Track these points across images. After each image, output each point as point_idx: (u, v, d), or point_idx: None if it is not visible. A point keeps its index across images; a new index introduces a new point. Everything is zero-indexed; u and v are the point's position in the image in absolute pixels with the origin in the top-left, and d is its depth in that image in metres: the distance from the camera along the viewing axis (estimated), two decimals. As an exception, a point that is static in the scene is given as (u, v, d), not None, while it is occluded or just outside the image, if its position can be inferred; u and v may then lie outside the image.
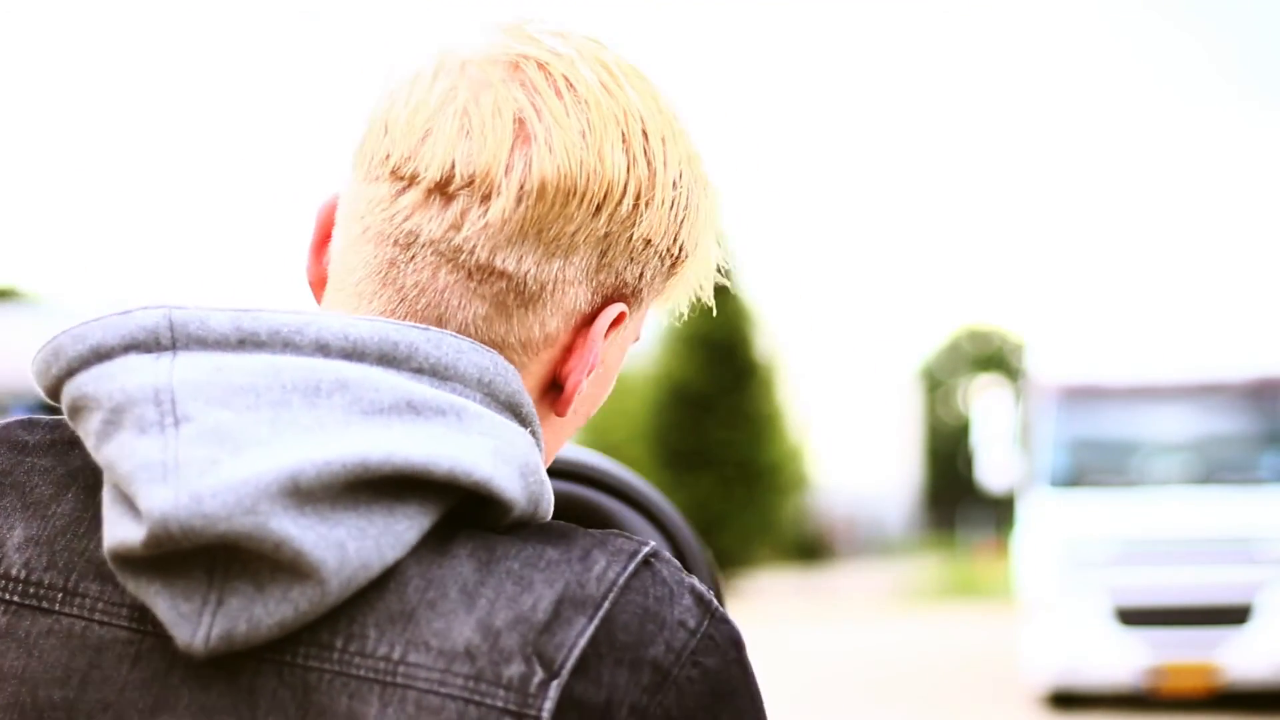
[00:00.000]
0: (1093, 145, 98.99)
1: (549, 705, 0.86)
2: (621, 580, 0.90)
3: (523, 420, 0.97)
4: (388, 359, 0.92)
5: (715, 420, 29.27)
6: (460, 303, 0.97)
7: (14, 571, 0.92)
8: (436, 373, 0.93)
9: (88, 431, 0.89)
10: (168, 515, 0.84)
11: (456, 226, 0.96)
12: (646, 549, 0.92)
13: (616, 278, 1.01)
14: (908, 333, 75.79)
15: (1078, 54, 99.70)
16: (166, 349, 0.90)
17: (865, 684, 14.30)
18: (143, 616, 0.90)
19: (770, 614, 22.84)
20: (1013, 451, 14.26)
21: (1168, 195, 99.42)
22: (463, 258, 0.96)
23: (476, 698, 0.86)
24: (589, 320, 1.01)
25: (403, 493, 0.89)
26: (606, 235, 0.99)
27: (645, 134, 0.99)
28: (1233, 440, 12.67)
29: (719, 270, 1.10)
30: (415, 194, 0.97)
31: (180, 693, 0.88)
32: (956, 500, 53.34)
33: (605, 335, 1.02)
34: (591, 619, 0.88)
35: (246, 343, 0.91)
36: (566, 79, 0.98)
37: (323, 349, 0.91)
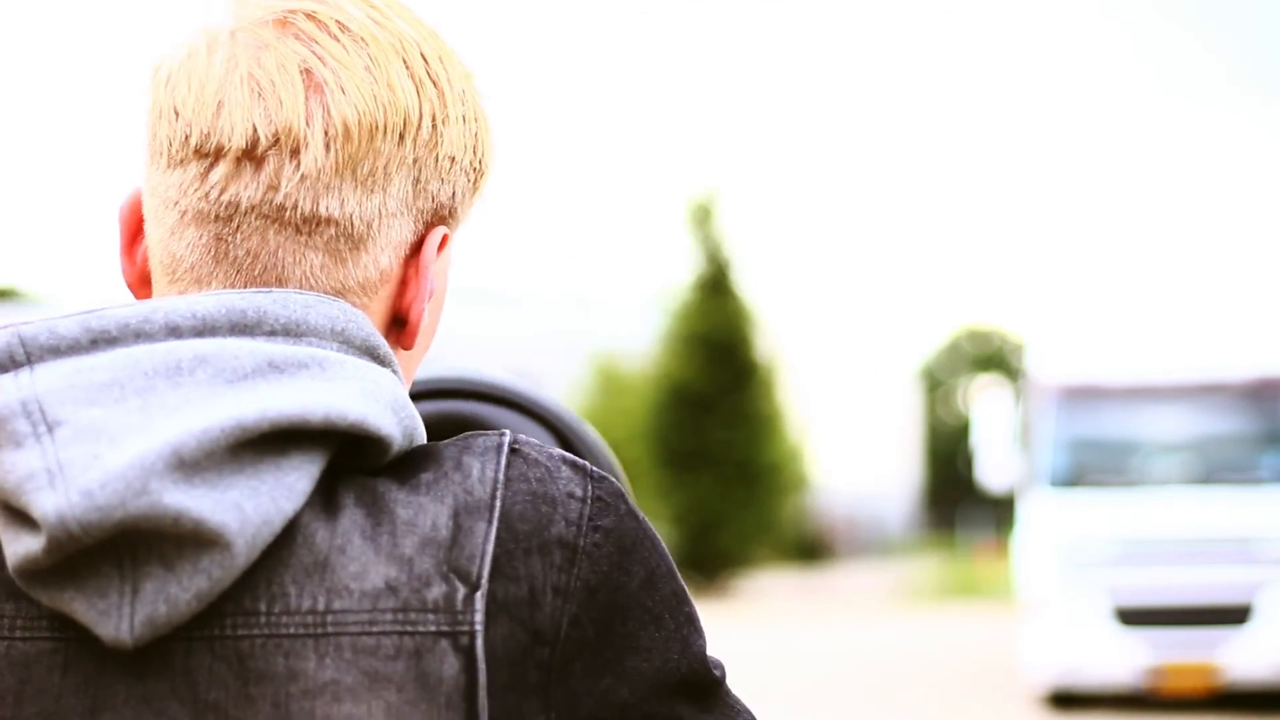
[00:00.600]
0: (1093, 145, 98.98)
1: (479, 616, 0.88)
2: (501, 475, 0.93)
3: (381, 361, 0.98)
4: (239, 328, 0.93)
5: (715, 420, 29.26)
6: (295, 259, 0.98)
7: None
8: (289, 331, 0.94)
9: None
10: (64, 516, 0.84)
11: (274, 186, 0.97)
12: (506, 437, 0.95)
13: (433, 201, 1.03)
14: (908, 333, 75.80)
15: (1078, 54, 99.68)
16: (23, 365, 0.90)
17: (865, 684, 14.30)
18: (63, 624, 0.90)
19: (770, 614, 22.84)
20: (1013, 451, 14.26)
21: (1168, 195, 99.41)
22: (287, 214, 0.97)
23: (408, 628, 0.88)
24: (417, 250, 1.03)
25: (285, 446, 0.90)
26: (415, 161, 1.00)
27: (424, 58, 1.01)
28: (1233, 440, 12.67)
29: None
30: (225, 166, 0.97)
31: (116, 689, 0.88)
32: (956, 500, 53.34)
33: (434, 260, 1.04)
34: (490, 521, 0.91)
35: (99, 342, 0.91)
36: (338, 22, 0.99)
37: (174, 331, 0.92)
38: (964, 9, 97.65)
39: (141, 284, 1.04)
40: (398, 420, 0.94)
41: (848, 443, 42.29)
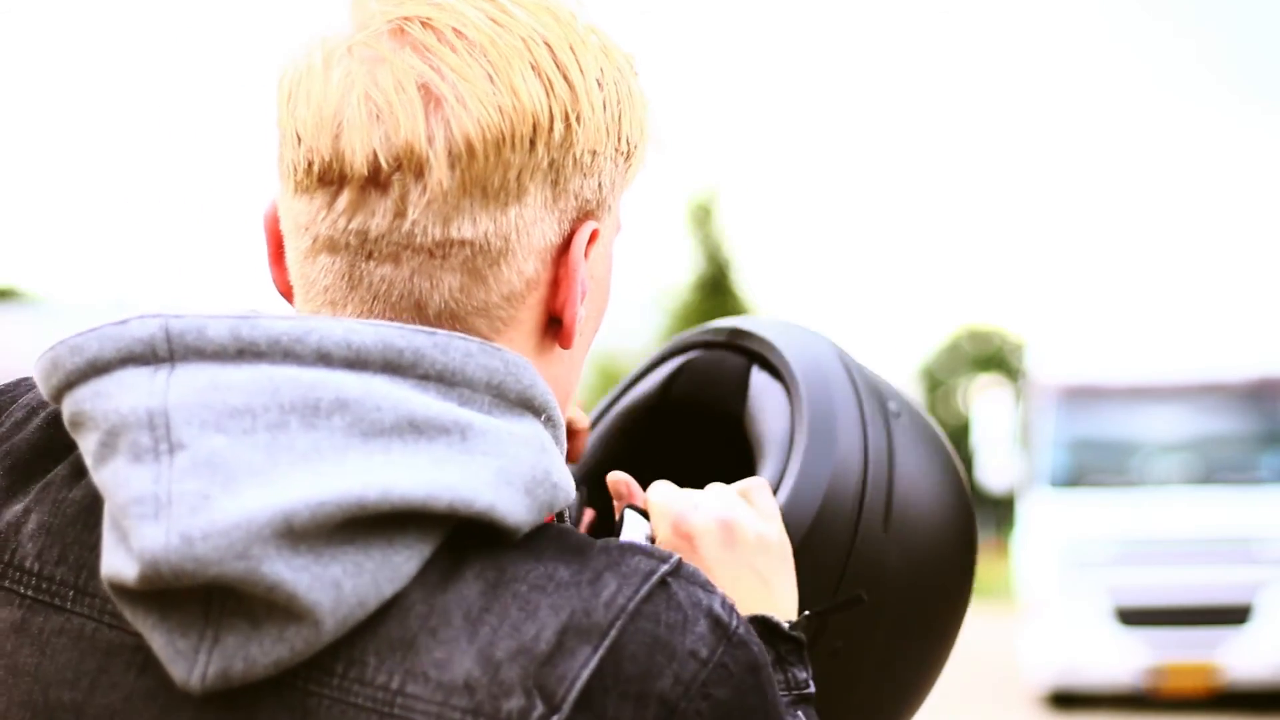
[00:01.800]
0: (1092, 145, 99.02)
1: None
2: (631, 606, 0.86)
3: (535, 411, 0.94)
4: (392, 366, 0.89)
5: (715, 420, 29.18)
6: (432, 283, 0.95)
7: (28, 564, 0.92)
8: (443, 379, 0.90)
9: (86, 450, 0.88)
10: (158, 558, 0.83)
11: (401, 213, 0.93)
12: (665, 568, 0.89)
13: (577, 199, 0.98)
14: (908, 333, 75.82)
15: (1078, 55, 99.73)
16: (164, 361, 0.88)
17: (865, 684, 14.28)
18: None
19: (770, 614, 22.77)
20: (1013, 451, 14.26)
21: (1167, 195, 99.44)
22: (418, 240, 0.94)
23: None
24: (565, 248, 0.99)
25: (403, 524, 0.87)
26: (551, 164, 0.96)
27: (552, 51, 0.96)
28: (1233, 440, 12.66)
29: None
30: (349, 194, 0.94)
31: (184, 707, 0.88)
32: (956, 500, 53.13)
33: (586, 255, 1.00)
34: (596, 649, 0.85)
35: (245, 353, 0.88)
36: (455, 29, 0.94)
37: (324, 359, 0.88)
38: (964, 10, 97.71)
39: (289, 294, 1.01)
40: (532, 501, 0.90)
41: (848, 443, 42.21)
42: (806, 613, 1.13)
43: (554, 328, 1.01)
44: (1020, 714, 12.40)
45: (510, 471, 0.89)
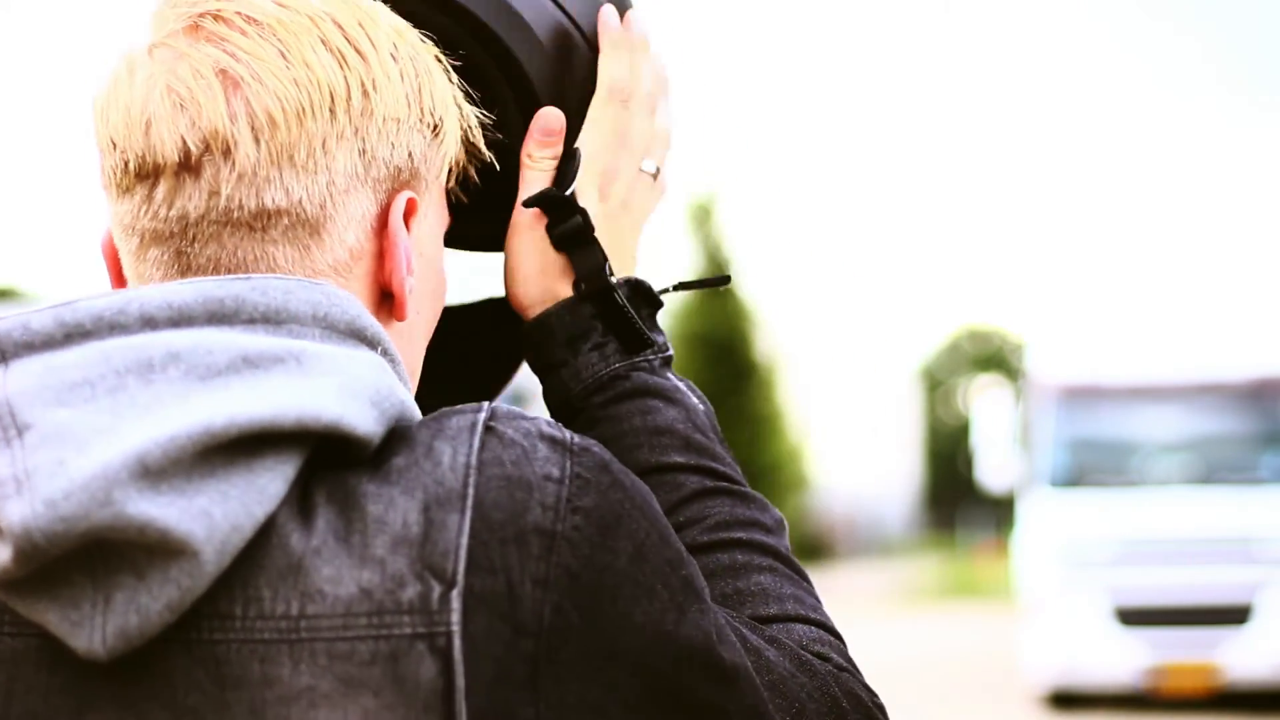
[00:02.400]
0: (1093, 145, 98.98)
1: (455, 615, 0.86)
2: (473, 459, 0.90)
3: (369, 342, 0.97)
4: (216, 317, 0.91)
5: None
6: (256, 256, 0.98)
7: None
8: (269, 319, 0.93)
9: None
10: (29, 527, 0.83)
11: (215, 191, 0.97)
12: (483, 414, 0.93)
13: (388, 167, 1.02)
14: (908, 333, 75.80)
15: (1078, 55, 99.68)
16: None
17: (865, 684, 14.27)
18: None
19: (770, 614, 22.76)
20: (1013, 451, 14.25)
21: (1168, 195, 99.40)
22: (235, 215, 0.97)
23: (383, 632, 0.86)
24: (385, 221, 1.02)
25: (257, 449, 0.88)
26: (355, 132, 1.00)
27: (340, 27, 1.01)
28: (1233, 440, 12.66)
29: (485, 127, 1.12)
30: (165, 183, 0.98)
31: (100, 689, 0.88)
32: (956, 500, 53.32)
33: (407, 227, 1.03)
34: (463, 512, 0.88)
35: (73, 335, 0.90)
36: (243, 15, 0.99)
37: (149, 323, 0.90)
38: (964, 10, 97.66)
39: None
40: (379, 413, 0.92)
41: (848, 443, 42.27)
42: (673, 284, 1.23)
43: (388, 302, 1.04)
44: (1020, 714, 12.40)
45: (352, 387, 0.91)
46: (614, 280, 1.16)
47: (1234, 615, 11.71)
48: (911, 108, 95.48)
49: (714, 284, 1.31)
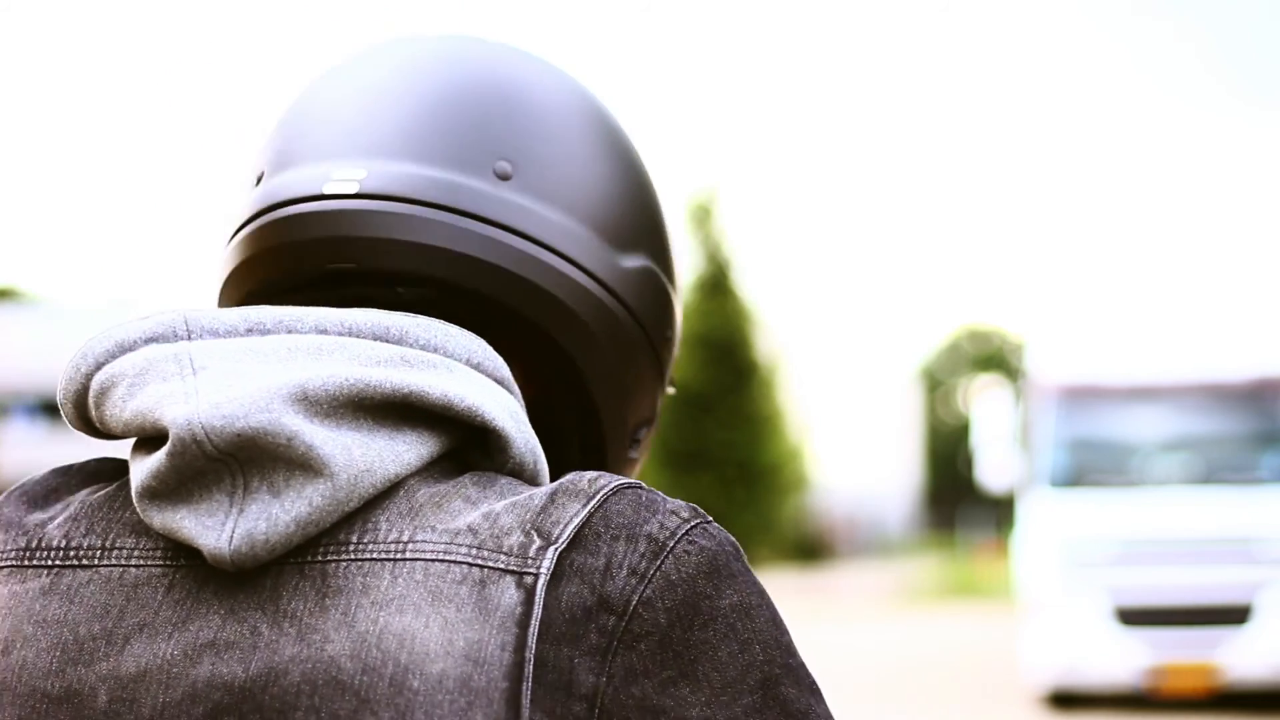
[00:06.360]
0: (1092, 146, 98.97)
1: (547, 565, 0.90)
2: (610, 486, 0.94)
3: (510, 394, 1.02)
4: (381, 339, 0.99)
5: (715, 420, 29.26)
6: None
7: (54, 542, 0.99)
8: (428, 350, 1.00)
9: (115, 403, 0.96)
10: (191, 421, 0.90)
11: None
12: (633, 482, 0.97)
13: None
14: (908, 333, 75.80)
15: (1077, 56, 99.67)
16: (183, 339, 0.98)
17: (865, 684, 14.29)
18: (175, 554, 0.96)
19: (770, 614, 22.75)
20: (1013, 451, 14.25)
21: (1167, 196, 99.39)
22: None
23: (479, 561, 0.91)
24: None
25: (404, 419, 0.96)
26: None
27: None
28: (1233, 440, 12.66)
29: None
30: None
31: (209, 603, 0.94)
32: (956, 500, 53.33)
33: None
34: (585, 505, 0.93)
35: (254, 330, 0.98)
36: None
37: (322, 331, 0.98)
38: (963, 10, 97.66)
39: None
40: (516, 424, 0.98)
41: (848, 443, 42.28)
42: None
43: None
44: (1020, 714, 12.40)
45: (495, 396, 0.99)
46: None
47: (1234, 615, 11.72)
48: (911, 108, 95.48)
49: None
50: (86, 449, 46.98)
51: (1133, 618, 11.78)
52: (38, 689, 0.94)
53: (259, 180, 1.08)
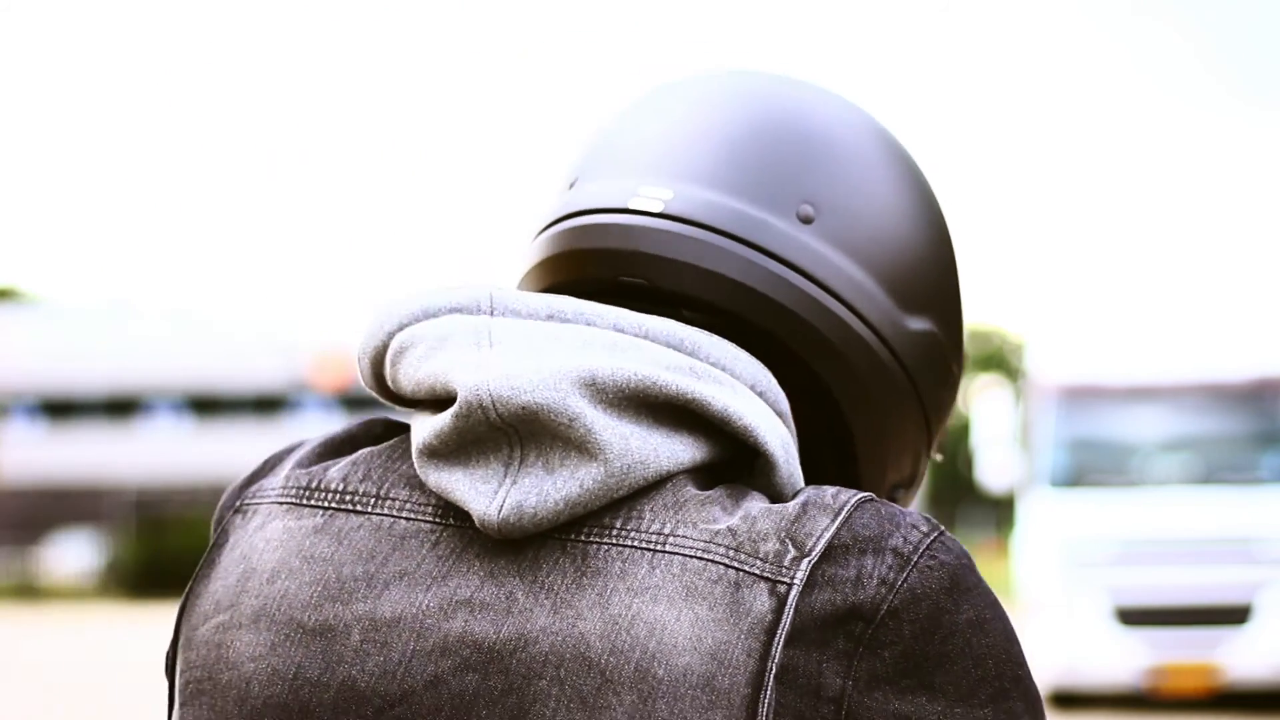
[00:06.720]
0: (1091, 145, 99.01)
1: (801, 575, 0.93)
2: (853, 500, 0.97)
3: (786, 425, 1.04)
4: (673, 348, 1.01)
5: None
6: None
7: (332, 485, 1.04)
8: (715, 367, 1.02)
9: (411, 362, 1.00)
10: (479, 386, 0.94)
11: None
12: (871, 495, 1.00)
13: None
14: (908, 333, 75.41)
15: (1076, 55, 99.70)
16: (485, 314, 1.02)
17: (865, 684, 14.28)
18: (445, 512, 0.99)
19: (770, 614, 22.74)
20: (1013, 451, 14.25)
21: (1167, 196, 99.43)
22: None
23: (736, 563, 0.93)
24: None
25: (682, 422, 0.99)
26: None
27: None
28: (1233, 440, 12.67)
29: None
30: None
31: (472, 564, 0.97)
32: (957, 500, 53.36)
33: None
34: (834, 519, 0.95)
35: (554, 317, 1.02)
36: None
37: (619, 330, 1.02)
38: (963, 10, 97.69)
39: None
40: (785, 454, 1.00)
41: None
42: None
43: None
44: (1020, 714, 12.39)
45: (770, 421, 1.01)
46: None
47: (1234, 615, 11.72)
48: (910, 107, 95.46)
49: None
50: (86, 450, 47.01)
51: (1133, 618, 11.78)
52: (294, 619, 0.98)
53: (570, 186, 1.11)
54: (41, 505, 44.22)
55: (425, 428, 0.98)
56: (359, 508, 1.02)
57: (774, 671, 0.91)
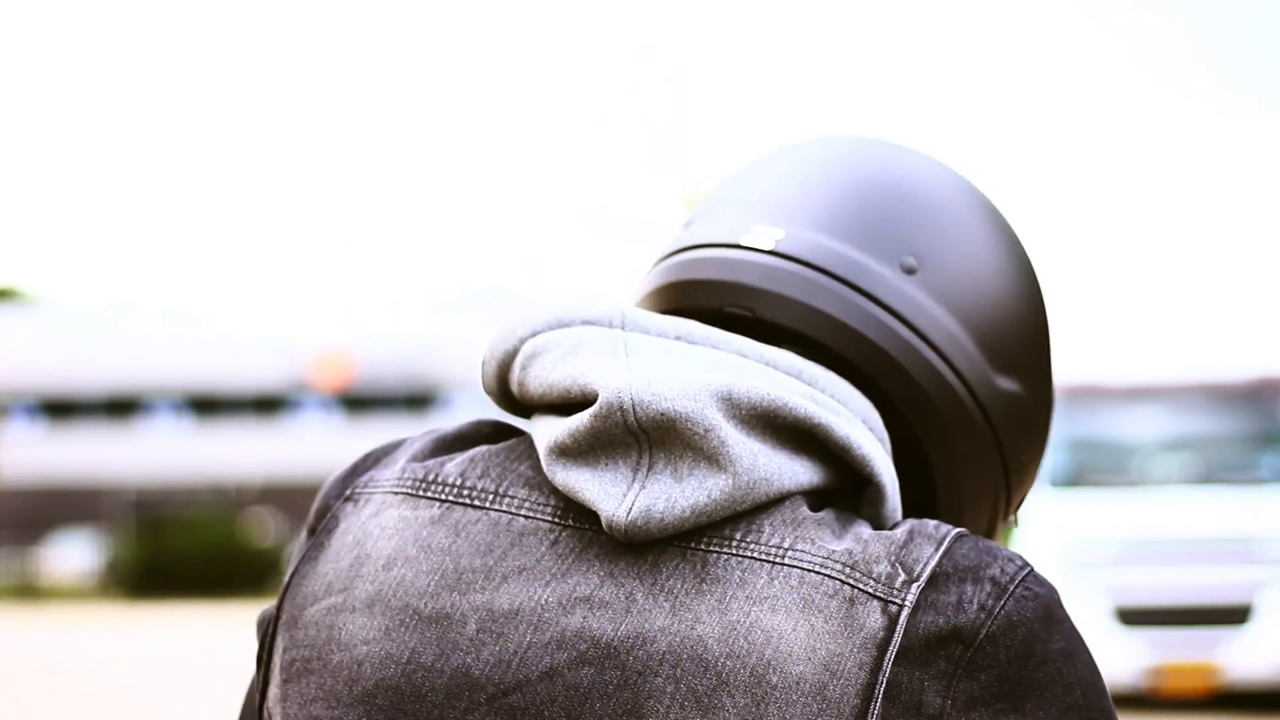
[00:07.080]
0: (1090, 145, 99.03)
1: (911, 598, 0.96)
2: (953, 533, 1.00)
3: (890, 462, 1.08)
4: (794, 378, 1.05)
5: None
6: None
7: (449, 480, 1.06)
8: (831, 398, 1.06)
9: (545, 365, 1.03)
10: (622, 390, 0.97)
11: None
12: (965, 530, 1.03)
13: None
14: (907, 333, 75.41)
15: (1074, 54, 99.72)
16: (618, 328, 1.06)
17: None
18: (564, 513, 1.02)
19: (770, 614, 22.73)
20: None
21: (1166, 196, 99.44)
22: None
23: (852, 581, 0.97)
24: None
25: (805, 445, 1.02)
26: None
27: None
28: (1233, 440, 12.66)
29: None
30: None
31: (592, 563, 0.99)
32: (956, 500, 53.06)
33: None
34: (938, 549, 0.99)
35: (682, 338, 1.06)
36: None
37: (742, 355, 1.05)
38: (962, 9, 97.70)
39: None
40: (893, 487, 1.04)
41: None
42: None
43: None
44: (1020, 714, 12.38)
45: (882, 457, 1.05)
46: None
47: (1234, 615, 11.71)
48: (909, 106, 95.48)
49: None
50: (86, 450, 46.94)
51: (1133, 618, 11.77)
52: (411, 605, 1.00)
53: (688, 225, 1.17)
54: (41, 505, 44.22)
55: (558, 427, 1.00)
56: (477, 502, 1.04)
57: (883, 686, 0.94)
